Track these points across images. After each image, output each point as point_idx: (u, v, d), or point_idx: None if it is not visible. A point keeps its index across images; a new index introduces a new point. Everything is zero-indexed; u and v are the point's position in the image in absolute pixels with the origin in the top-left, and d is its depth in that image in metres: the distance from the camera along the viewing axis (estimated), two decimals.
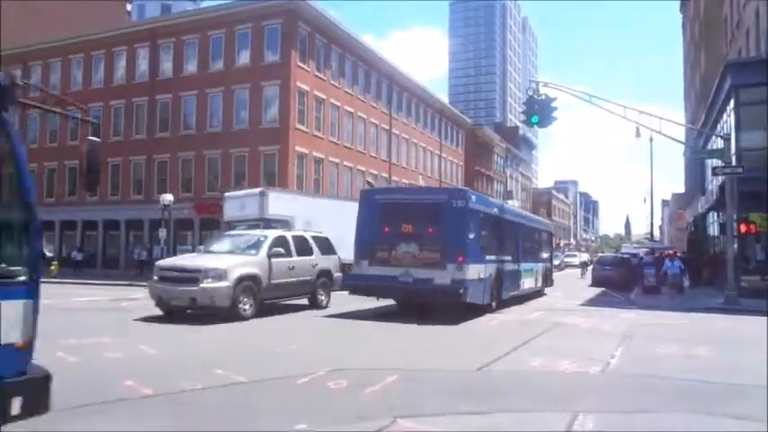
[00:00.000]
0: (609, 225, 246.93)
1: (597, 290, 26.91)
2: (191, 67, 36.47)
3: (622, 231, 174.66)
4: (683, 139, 37.83)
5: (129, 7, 48.91)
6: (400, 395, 6.55)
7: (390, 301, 15.44)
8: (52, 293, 14.06)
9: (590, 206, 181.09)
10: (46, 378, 3.90)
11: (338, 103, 37.96)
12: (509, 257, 17.77)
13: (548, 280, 24.38)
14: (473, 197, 15.11)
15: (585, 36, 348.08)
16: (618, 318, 15.48)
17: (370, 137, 41.62)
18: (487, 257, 15.34)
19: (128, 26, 42.51)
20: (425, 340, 11.04)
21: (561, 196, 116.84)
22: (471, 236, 14.25)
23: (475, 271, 14.10)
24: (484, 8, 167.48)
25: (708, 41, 38.74)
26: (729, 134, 21.70)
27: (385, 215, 14.56)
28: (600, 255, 51.83)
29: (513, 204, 33.07)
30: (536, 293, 21.57)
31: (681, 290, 21.81)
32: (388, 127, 44.34)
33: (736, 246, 19.99)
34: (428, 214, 14.16)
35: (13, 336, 3.70)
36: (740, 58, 26.55)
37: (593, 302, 20.92)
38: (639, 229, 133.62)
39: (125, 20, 47.42)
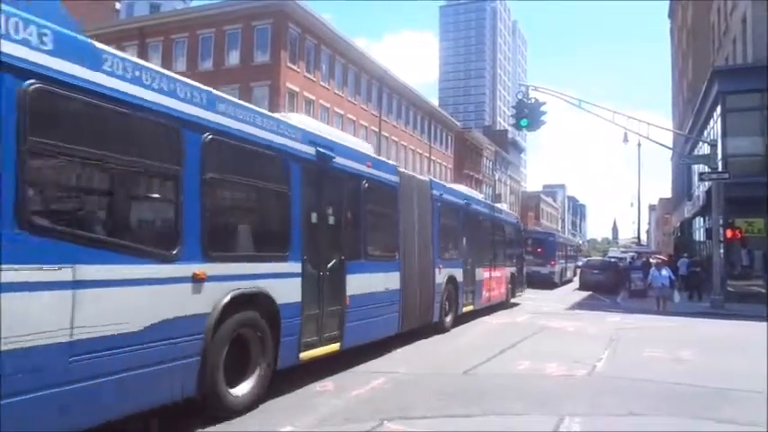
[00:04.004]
0: (596, 229, 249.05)
1: (584, 293, 27.03)
2: (180, 66, 36.09)
3: (610, 235, 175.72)
4: (670, 145, 38.04)
5: (117, 6, 48.42)
6: (387, 398, 6.53)
7: None
8: None
9: (578, 210, 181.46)
10: None
11: (328, 105, 37.88)
12: (564, 261, 35.95)
13: (576, 272, 40.21)
14: (556, 234, 39.89)
15: (575, 41, 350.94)
16: (604, 321, 15.53)
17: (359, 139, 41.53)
18: (559, 261, 33.48)
19: (116, 24, 42.07)
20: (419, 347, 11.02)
21: (549, 200, 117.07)
22: (556, 252, 32.71)
23: (556, 268, 32.14)
24: (474, 11, 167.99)
25: (695, 48, 39.14)
26: (716, 140, 21.89)
27: None
28: (587, 259, 52.05)
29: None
30: (569, 281, 36.71)
31: (668, 300, 20.03)
32: (377, 129, 44.31)
33: (721, 251, 20.14)
34: (538, 242, 31.23)
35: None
36: (727, 65, 26.79)
37: (580, 306, 21.03)
38: (627, 234, 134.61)
39: (113, 18, 47.00)
